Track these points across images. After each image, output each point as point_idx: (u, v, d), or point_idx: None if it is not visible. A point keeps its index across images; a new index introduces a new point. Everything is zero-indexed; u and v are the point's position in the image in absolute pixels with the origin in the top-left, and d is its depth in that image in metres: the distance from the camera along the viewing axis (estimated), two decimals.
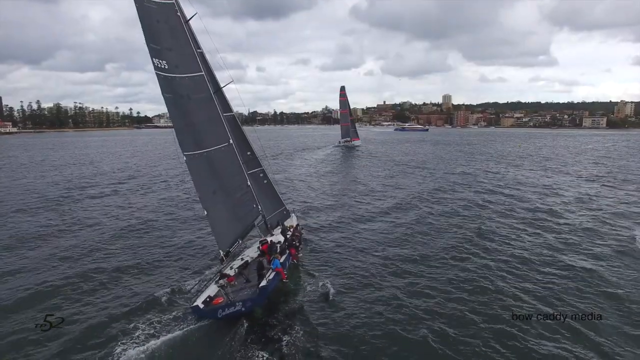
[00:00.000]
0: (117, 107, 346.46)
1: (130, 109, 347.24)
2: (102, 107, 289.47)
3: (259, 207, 16.37)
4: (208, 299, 12.92)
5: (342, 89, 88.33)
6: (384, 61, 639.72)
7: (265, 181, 18.15)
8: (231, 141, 15.00)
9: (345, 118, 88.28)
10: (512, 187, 34.67)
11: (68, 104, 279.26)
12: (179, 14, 13.91)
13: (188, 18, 14.24)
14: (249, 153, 17.02)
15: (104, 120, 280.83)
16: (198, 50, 14.50)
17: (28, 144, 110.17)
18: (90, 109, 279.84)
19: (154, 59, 13.38)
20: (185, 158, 13.96)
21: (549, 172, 44.56)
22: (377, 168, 49.60)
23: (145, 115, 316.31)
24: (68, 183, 38.93)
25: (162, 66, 13.51)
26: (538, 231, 21.06)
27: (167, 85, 13.72)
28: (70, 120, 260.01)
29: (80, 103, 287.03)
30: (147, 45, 13.26)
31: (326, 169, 49.58)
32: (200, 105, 14.39)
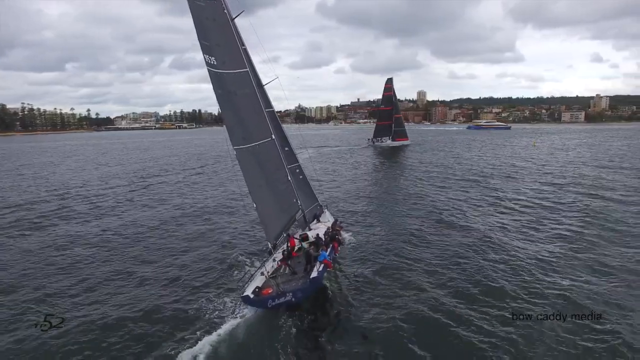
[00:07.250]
0: (72, 109, 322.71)
1: (88, 110, 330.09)
2: (55, 108, 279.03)
3: (298, 201, 17.75)
4: (257, 289, 13.76)
5: (389, 81, 77.61)
6: (354, 58, 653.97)
7: (301, 176, 19.57)
8: (273, 136, 16.36)
9: (388, 116, 78.79)
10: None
11: (25, 106, 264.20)
12: (225, 11, 15.18)
13: (234, 16, 15.52)
14: (286, 148, 18.46)
15: (58, 123, 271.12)
16: (242, 47, 15.78)
17: None
18: (42, 110, 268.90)
19: (205, 55, 14.51)
20: (235, 152, 15.15)
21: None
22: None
23: (107, 117, 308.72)
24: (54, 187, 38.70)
25: (212, 62, 14.66)
26: None
27: (217, 82, 14.86)
28: (17, 124, 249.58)
29: (29, 104, 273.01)
30: (199, 42, 14.40)
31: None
32: (246, 101, 15.66)
